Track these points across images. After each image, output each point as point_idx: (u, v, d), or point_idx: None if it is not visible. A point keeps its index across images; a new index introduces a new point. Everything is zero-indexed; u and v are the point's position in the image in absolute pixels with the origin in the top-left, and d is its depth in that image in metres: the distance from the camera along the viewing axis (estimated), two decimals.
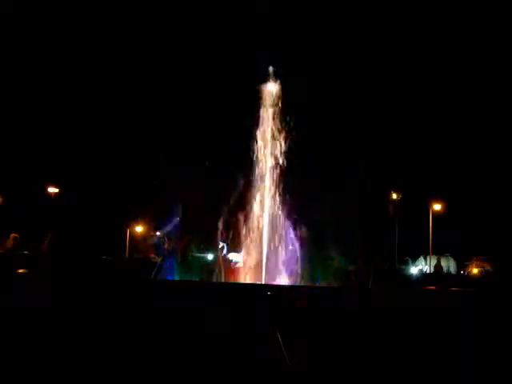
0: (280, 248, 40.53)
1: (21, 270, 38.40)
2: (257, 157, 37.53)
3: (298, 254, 39.48)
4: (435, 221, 50.52)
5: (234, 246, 48.81)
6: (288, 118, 40.69)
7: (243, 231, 37.76)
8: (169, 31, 68.86)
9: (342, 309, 23.88)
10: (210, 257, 51.76)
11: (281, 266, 41.07)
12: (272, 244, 40.33)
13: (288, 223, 38.30)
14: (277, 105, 40.30)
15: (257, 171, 37.75)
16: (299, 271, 40.40)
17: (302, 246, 39.08)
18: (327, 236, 37.57)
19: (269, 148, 38.71)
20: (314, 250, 38.37)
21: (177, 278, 44.68)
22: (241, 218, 38.06)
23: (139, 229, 57.59)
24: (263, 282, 40.84)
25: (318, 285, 40.65)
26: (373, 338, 15.50)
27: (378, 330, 17.85)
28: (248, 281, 41.37)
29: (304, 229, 38.36)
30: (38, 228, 53.21)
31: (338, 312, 22.84)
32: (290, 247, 42.70)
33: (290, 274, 40.17)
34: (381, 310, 24.12)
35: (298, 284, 40.64)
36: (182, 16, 73.64)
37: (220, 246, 52.82)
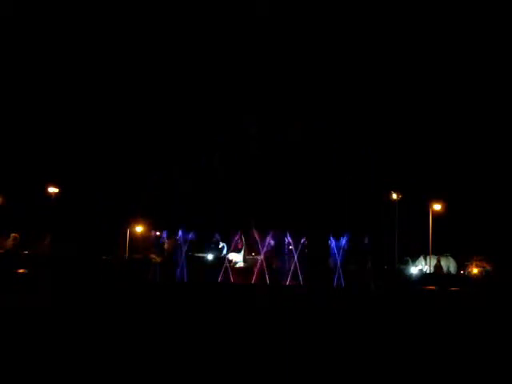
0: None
1: (21, 270, 38.42)
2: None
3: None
4: (435, 221, 50.37)
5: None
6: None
7: None
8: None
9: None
10: (210, 257, 51.83)
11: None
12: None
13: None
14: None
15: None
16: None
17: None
18: None
19: None
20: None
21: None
22: None
23: (139, 229, 57.61)
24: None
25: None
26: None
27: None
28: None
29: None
30: (37, 228, 53.15)
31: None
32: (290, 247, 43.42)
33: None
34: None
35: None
36: (182, 20, 73.63)
37: (220, 246, 52.84)
